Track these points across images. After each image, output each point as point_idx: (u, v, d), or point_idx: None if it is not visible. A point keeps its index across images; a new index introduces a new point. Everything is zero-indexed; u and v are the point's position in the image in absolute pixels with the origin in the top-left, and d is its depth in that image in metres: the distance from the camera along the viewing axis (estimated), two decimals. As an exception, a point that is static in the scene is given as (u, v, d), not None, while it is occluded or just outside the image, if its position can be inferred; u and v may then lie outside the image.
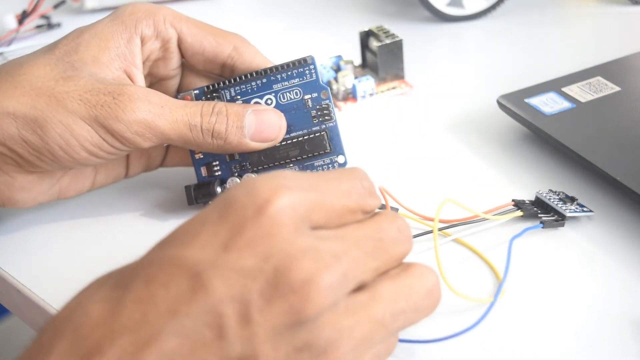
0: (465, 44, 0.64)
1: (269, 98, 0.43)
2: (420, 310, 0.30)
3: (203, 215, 0.28)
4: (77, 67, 0.40)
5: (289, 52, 0.60)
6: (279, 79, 0.43)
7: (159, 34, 0.42)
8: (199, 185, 0.43)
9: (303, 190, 0.28)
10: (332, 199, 0.29)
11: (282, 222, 0.26)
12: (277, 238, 0.26)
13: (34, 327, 0.42)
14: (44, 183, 0.42)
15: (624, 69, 0.52)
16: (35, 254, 0.42)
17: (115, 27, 0.41)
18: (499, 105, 0.49)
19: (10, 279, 0.41)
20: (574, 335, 0.35)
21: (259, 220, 0.26)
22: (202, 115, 0.41)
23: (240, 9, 0.73)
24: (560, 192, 0.42)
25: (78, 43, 0.41)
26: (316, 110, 0.43)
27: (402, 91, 0.55)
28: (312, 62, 0.43)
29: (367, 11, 0.69)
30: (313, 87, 0.43)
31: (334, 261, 0.27)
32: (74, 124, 0.38)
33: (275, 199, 0.27)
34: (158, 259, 0.27)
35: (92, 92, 0.39)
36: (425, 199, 0.42)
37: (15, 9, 0.68)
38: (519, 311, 0.36)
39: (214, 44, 0.43)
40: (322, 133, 0.43)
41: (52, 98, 0.38)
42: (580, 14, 0.66)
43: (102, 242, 0.43)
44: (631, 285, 0.37)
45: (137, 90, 0.39)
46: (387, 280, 0.29)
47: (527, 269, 0.38)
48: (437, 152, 0.49)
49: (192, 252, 0.26)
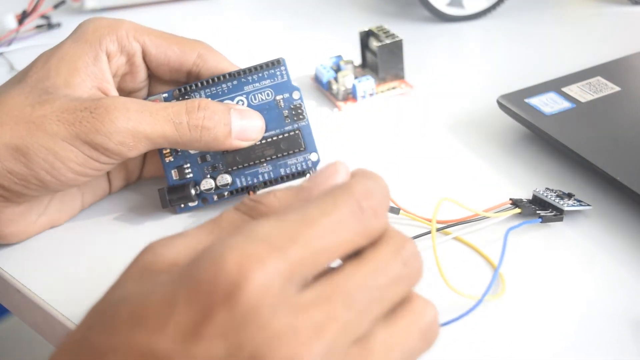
0: (465, 44, 0.64)
1: (240, 99, 0.43)
2: (415, 353, 0.27)
3: (168, 293, 0.24)
4: (51, 92, 0.40)
5: (289, 52, 0.60)
6: (250, 80, 0.43)
7: (124, 48, 0.42)
8: (173, 188, 0.43)
9: (279, 253, 0.24)
10: (318, 243, 0.25)
11: (254, 307, 0.23)
12: (251, 325, 0.23)
13: (34, 327, 0.42)
14: (32, 213, 0.42)
15: (624, 69, 0.52)
16: (35, 254, 0.42)
17: (80, 47, 0.41)
18: (499, 105, 0.49)
19: (10, 279, 0.41)
20: (573, 334, 0.35)
21: (229, 305, 0.23)
22: (187, 112, 0.40)
23: (240, 9, 0.73)
24: (557, 190, 0.42)
25: (48, 69, 0.40)
26: (289, 110, 0.44)
27: (402, 91, 0.55)
28: (283, 63, 0.43)
29: (367, 11, 0.69)
30: (285, 88, 0.43)
31: (316, 338, 0.24)
32: (57, 146, 0.38)
33: (245, 280, 0.23)
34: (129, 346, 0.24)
35: (69, 110, 0.38)
36: (425, 199, 0.42)
37: (15, 9, 0.68)
38: (517, 308, 0.36)
39: (178, 53, 0.43)
40: (297, 132, 0.43)
41: (30, 124, 0.38)
42: (580, 14, 0.66)
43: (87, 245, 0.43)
44: (631, 284, 0.37)
45: (114, 100, 0.39)
46: (381, 328, 0.26)
47: (526, 266, 0.38)
48: (437, 152, 0.49)
49: (163, 343, 0.24)
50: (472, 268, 0.39)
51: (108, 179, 0.45)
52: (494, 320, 0.35)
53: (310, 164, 0.44)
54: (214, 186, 0.43)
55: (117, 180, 0.46)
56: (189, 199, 0.43)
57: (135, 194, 0.46)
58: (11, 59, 0.64)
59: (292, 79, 0.44)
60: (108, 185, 0.45)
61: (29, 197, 0.40)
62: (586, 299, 0.37)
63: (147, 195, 0.46)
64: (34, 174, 0.38)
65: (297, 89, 0.44)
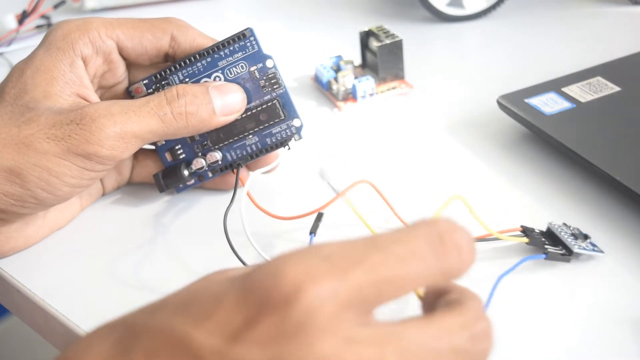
0: (465, 44, 0.64)
1: (217, 76, 0.43)
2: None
3: (221, 291, 0.24)
4: (32, 107, 0.39)
5: (289, 52, 0.60)
6: (223, 55, 0.43)
7: (99, 49, 0.42)
8: (167, 172, 0.44)
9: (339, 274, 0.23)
10: (385, 272, 0.24)
11: (304, 323, 0.22)
12: (295, 340, 0.22)
13: (34, 327, 0.42)
14: (29, 227, 0.42)
15: (624, 69, 0.52)
16: (35, 254, 0.42)
17: (53, 56, 0.41)
18: (499, 105, 0.49)
19: (10, 279, 0.41)
20: (574, 335, 0.35)
21: (278, 316, 0.23)
22: (168, 102, 0.40)
23: (240, 9, 0.73)
24: (574, 228, 0.40)
25: (24, 82, 0.40)
26: (264, 80, 0.44)
27: (402, 91, 0.55)
28: (252, 33, 0.43)
29: (367, 11, 0.69)
30: (257, 58, 0.43)
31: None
32: (50, 163, 0.38)
33: (299, 293, 0.23)
34: (166, 329, 0.24)
35: (56, 126, 0.38)
36: (425, 199, 0.42)
37: (15, 9, 0.68)
38: (519, 310, 0.36)
39: (153, 40, 0.43)
40: (275, 102, 0.44)
41: (20, 145, 0.38)
42: (580, 14, 0.66)
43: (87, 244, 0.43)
44: (632, 285, 0.37)
45: (96, 107, 0.39)
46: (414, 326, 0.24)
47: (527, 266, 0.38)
48: (436, 152, 0.49)
49: (200, 334, 0.23)
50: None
51: (101, 182, 0.46)
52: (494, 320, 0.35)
53: (295, 130, 0.44)
54: (205, 164, 0.44)
55: (110, 183, 0.46)
56: (183, 180, 0.44)
57: (133, 192, 0.46)
58: (11, 59, 0.64)
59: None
60: (102, 187, 0.46)
61: (26, 214, 0.40)
62: (588, 301, 0.36)
63: (142, 190, 0.46)
64: (31, 193, 0.38)
65: (269, 57, 0.43)
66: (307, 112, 0.53)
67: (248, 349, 0.23)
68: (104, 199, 0.46)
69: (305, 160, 0.47)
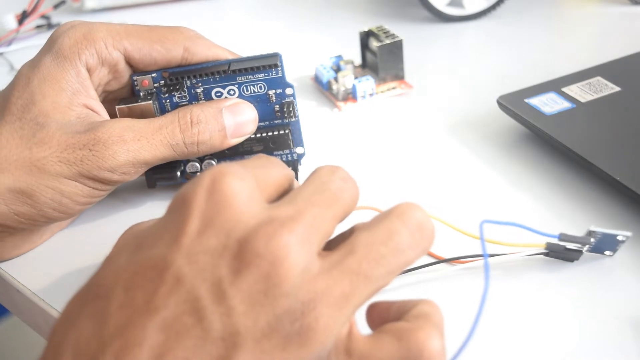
0: (465, 44, 0.64)
1: (232, 89, 0.43)
2: (406, 250, 0.28)
3: (161, 220, 0.28)
4: (42, 124, 0.39)
5: (289, 52, 0.60)
6: (244, 72, 0.43)
7: (105, 60, 0.42)
8: (158, 168, 0.44)
9: (246, 169, 0.28)
10: (273, 172, 0.30)
11: (233, 194, 0.27)
12: (233, 211, 0.26)
13: (34, 327, 0.42)
14: (34, 235, 0.42)
15: (624, 69, 0.52)
16: (35, 254, 0.42)
17: (60, 65, 0.41)
18: (499, 105, 0.49)
19: (10, 279, 0.41)
20: (574, 335, 0.35)
21: (212, 199, 0.27)
22: (182, 131, 0.41)
23: (240, 9, 0.73)
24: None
25: (31, 92, 0.40)
26: (280, 105, 0.43)
27: (402, 91, 0.55)
28: (280, 61, 0.43)
29: (367, 11, 0.69)
30: (278, 84, 0.43)
31: (291, 222, 0.26)
32: (61, 184, 0.38)
33: (221, 176, 0.27)
34: (131, 264, 0.27)
35: (68, 150, 0.38)
36: (425, 199, 0.42)
37: (15, 9, 0.68)
38: (519, 310, 0.36)
39: (163, 52, 0.42)
40: (287, 132, 0.44)
41: (32, 167, 0.38)
42: (580, 14, 0.66)
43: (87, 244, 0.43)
44: (631, 285, 0.37)
45: (110, 133, 0.39)
46: (361, 230, 0.28)
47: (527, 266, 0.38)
48: (436, 152, 0.49)
49: (159, 250, 0.26)
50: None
51: None
52: (493, 321, 0.35)
53: (296, 157, 0.44)
54: (199, 169, 0.44)
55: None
56: (174, 180, 0.44)
57: (133, 192, 0.46)
58: (11, 59, 0.64)
59: (293, 79, 0.44)
60: None
61: (35, 229, 0.41)
62: (588, 301, 0.36)
63: (143, 190, 0.46)
64: (42, 213, 0.39)
65: (290, 85, 0.43)
66: (307, 112, 0.53)
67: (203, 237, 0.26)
68: (104, 199, 0.46)
69: (305, 160, 0.47)
